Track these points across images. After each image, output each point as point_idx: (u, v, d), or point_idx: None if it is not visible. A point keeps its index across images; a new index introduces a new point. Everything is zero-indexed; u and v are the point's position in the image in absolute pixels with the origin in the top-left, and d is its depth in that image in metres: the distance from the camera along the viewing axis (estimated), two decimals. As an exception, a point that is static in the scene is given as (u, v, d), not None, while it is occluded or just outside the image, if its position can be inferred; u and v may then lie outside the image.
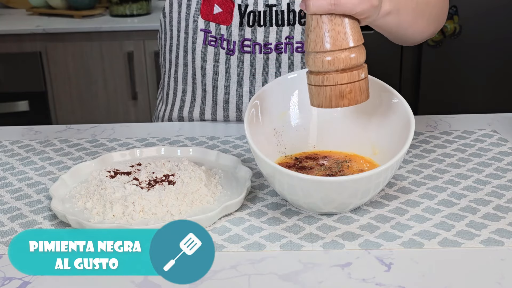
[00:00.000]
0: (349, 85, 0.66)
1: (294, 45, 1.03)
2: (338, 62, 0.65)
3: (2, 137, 1.03)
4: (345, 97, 0.66)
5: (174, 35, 1.09)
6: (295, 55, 1.04)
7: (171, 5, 1.08)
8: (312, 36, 0.66)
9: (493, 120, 1.03)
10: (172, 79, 1.13)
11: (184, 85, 1.10)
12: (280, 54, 1.04)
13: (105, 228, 0.67)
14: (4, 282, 0.61)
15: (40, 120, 2.32)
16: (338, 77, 0.66)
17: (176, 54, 1.10)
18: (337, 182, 0.66)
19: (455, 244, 0.65)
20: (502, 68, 2.20)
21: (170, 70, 1.13)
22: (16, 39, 2.26)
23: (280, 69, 1.04)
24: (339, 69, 0.66)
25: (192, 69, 1.08)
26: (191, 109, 1.10)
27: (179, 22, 1.07)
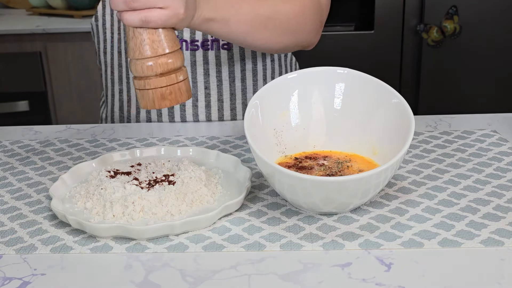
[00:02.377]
0: (168, 87, 0.72)
1: (220, 42, 1.05)
2: (156, 68, 0.71)
3: (2, 137, 1.03)
4: (166, 98, 0.72)
5: (108, 37, 1.10)
6: (221, 52, 1.06)
7: (104, 8, 1.10)
8: (131, 45, 0.72)
9: (493, 120, 1.03)
10: (109, 80, 1.14)
11: (121, 85, 1.12)
12: (207, 51, 1.05)
13: (105, 228, 0.67)
14: (4, 282, 0.61)
15: (40, 120, 2.32)
16: (157, 81, 0.72)
17: (110, 55, 1.11)
18: (337, 182, 0.66)
19: (455, 244, 0.65)
20: (502, 68, 2.20)
21: (106, 72, 1.14)
22: (16, 39, 2.26)
23: (208, 66, 1.06)
24: (158, 74, 0.71)
25: (126, 69, 1.10)
26: (128, 108, 1.12)
27: (112, 24, 1.09)
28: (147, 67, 0.71)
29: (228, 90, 1.08)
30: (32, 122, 2.24)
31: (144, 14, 0.69)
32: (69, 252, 0.66)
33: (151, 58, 0.71)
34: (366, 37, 2.22)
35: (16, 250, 0.67)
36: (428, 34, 2.15)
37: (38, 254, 0.66)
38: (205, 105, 1.07)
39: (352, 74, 0.82)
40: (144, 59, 0.71)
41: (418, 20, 2.17)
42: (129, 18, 0.70)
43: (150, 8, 0.69)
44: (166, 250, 0.66)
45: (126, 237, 0.68)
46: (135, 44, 0.71)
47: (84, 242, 0.68)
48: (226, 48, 1.06)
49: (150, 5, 0.69)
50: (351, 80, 0.82)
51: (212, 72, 1.06)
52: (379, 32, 2.20)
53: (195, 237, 0.68)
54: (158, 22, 0.70)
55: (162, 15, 0.70)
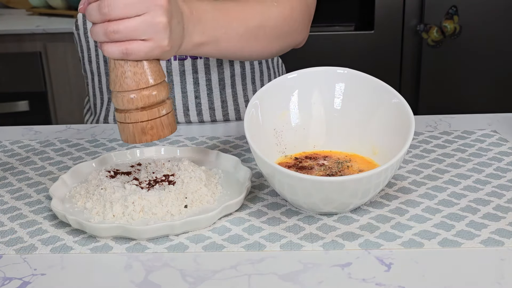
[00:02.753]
0: (150, 122, 0.69)
1: None
2: (137, 101, 0.68)
3: (2, 137, 1.03)
4: (147, 133, 0.69)
5: (91, 45, 1.08)
6: (210, 60, 1.04)
7: (84, 16, 1.06)
8: (112, 76, 0.68)
9: (493, 120, 1.03)
10: (97, 89, 1.12)
11: (109, 94, 1.10)
12: (195, 60, 1.04)
13: (105, 228, 0.67)
14: (4, 282, 0.61)
15: (40, 120, 2.32)
16: (138, 115, 0.68)
17: (96, 64, 1.09)
18: (337, 182, 0.66)
19: (455, 244, 0.65)
20: (502, 68, 2.20)
21: (93, 81, 1.12)
22: (16, 39, 2.26)
23: (197, 75, 1.04)
24: (139, 107, 0.68)
25: None
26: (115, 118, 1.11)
27: None
28: (128, 100, 0.67)
29: (219, 98, 1.06)
30: (32, 122, 2.24)
31: (125, 46, 0.65)
32: (69, 252, 0.66)
33: (132, 91, 0.67)
34: (366, 37, 2.22)
35: (16, 250, 0.67)
36: (428, 34, 2.15)
37: (38, 254, 0.66)
38: (197, 113, 1.07)
39: (352, 74, 0.82)
40: (124, 92, 0.67)
41: (418, 20, 2.17)
42: (110, 50, 0.66)
43: (131, 40, 0.66)
44: (166, 250, 0.66)
45: (126, 237, 0.68)
46: (116, 76, 0.68)
47: (84, 242, 0.68)
48: None
49: (132, 37, 0.65)
50: (351, 80, 0.82)
51: (202, 81, 1.05)
52: (379, 32, 2.20)
53: (195, 237, 0.68)
54: (140, 54, 0.66)
55: (144, 47, 0.66)
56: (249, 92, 1.10)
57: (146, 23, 0.65)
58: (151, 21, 0.65)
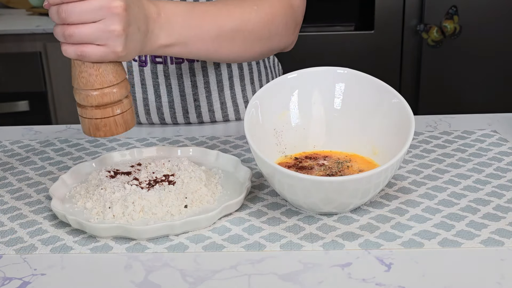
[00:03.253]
0: (103, 119, 0.71)
1: None
2: (91, 100, 0.70)
3: (2, 137, 1.03)
4: (100, 129, 0.72)
5: None
6: (207, 62, 1.04)
7: None
8: (72, 73, 0.71)
9: (493, 120, 1.03)
10: None
11: None
12: (192, 63, 1.04)
13: (105, 228, 0.67)
14: (4, 282, 0.61)
15: (40, 120, 2.32)
16: (92, 112, 0.71)
17: None
18: (337, 182, 0.66)
19: (455, 244, 0.65)
20: (502, 68, 2.20)
21: None
22: (16, 39, 2.26)
23: (195, 78, 1.04)
24: (93, 106, 0.70)
25: None
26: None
27: None
28: (84, 98, 0.70)
29: (218, 100, 1.06)
30: (32, 122, 2.24)
31: (80, 49, 0.68)
32: (69, 252, 0.66)
33: (88, 90, 0.69)
34: (366, 37, 2.22)
35: (16, 250, 0.67)
36: (428, 34, 2.15)
37: (38, 254, 0.66)
38: (196, 116, 1.07)
39: (352, 74, 0.82)
40: (81, 90, 0.70)
41: (418, 20, 2.17)
42: (67, 50, 0.69)
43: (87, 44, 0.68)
44: (166, 250, 0.66)
45: (126, 237, 0.68)
46: (73, 74, 0.70)
47: (84, 242, 0.68)
48: None
49: (86, 41, 0.68)
50: (351, 80, 0.82)
51: (200, 84, 1.05)
52: (379, 32, 2.20)
53: (195, 237, 0.68)
54: (93, 58, 0.68)
55: (98, 51, 0.68)
56: (248, 93, 1.10)
57: (100, 30, 0.67)
58: (105, 28, 0.67)
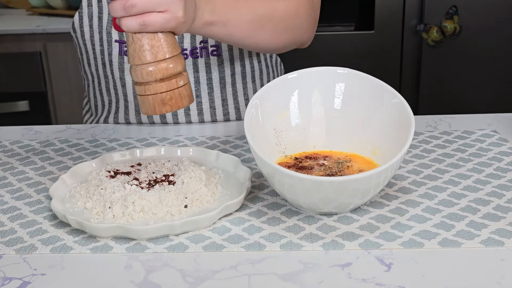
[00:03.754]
0: (169, 92, 0.71)
1: (209, 49, 1.05)
2: (156, 73, 0.70)
3: (2, 137, 1.03)
4: (167, 103, 0.72)
5: (89, 48, 1.09)
6: (211, 58, 1.05)
7: (81, 19, 1.07)
8: (130, 51, 0.71)
9: (493, 120, 1.03)
10: (97, 91, 1.13)
11: (109, 96, 1.11)
12: (196, 59, 1.04)
13: (105, 228, 0.67)
14: (4, 282, 0.61)
15: (40, 120, 2.32)
16: (157, 87, 0.71)
17: (95, 67, 1.10)
18: (337, 182, 0.66)
19: (455, 244, 0.65)
20: (502, 68, 2.20)
21: (94, 82, 1.13)
22: (16, 39, 2.26)
23: (198, 74, 1.05)
24: (158, 79, 0.71)
25: (112, 80, 1.08)
26: (116, 119, 1.11)
27: (92, 35, 1.07)
28: (147, 73, 0.70)
29: (220, 97, 1.07)
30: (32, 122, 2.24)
31: (142, 19, 0.69)
32: (69, 252, 0.66)
33: (151, 63, 0.70)
34: (366, 37, 2.22)
35: (16, 250, 0.67)
36: (428, 34, 2.15)
37: (38, 254, 0.66)
38: (197, 113, 1.07)
39: (352, 74, 0.82)
40: (143, 65, 0.70)
41: (418, 20, 2.17)
42: (128, 23, 0.69)
43: (149, 12, 0.69)
44: (166, 250, 0.66)
45: (126, 237, 0.68)
46: (134, 50, 0.70)
47: (84, 242, 0.68)
48: (215, 54, 1.05)
49: (149, 9, 0.69)
50: (351, 80, 0.82)
51: (203, 80, 1.05)
52: (379, 32, 2.20)
53: (195, 237, 0.68)
54: (157, 26, 0.70)
55: (161, 18, 0.70)
56: (249, 91, 1.10)
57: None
58: None
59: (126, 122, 1.10)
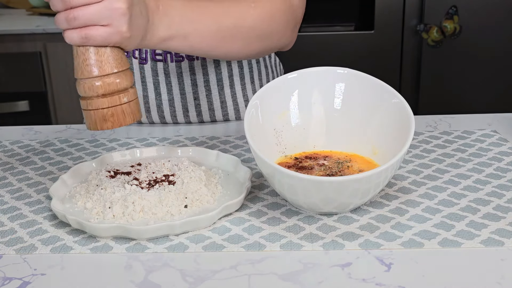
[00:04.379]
0: (110, 109, 0.70)
1: None
2: (98, 88, 0.69)
3: (2, 137, 1.03)
4: (108, 120, 0.70)
5: None
6: (207, 60, 1.04)
7: None
8: (75, 64, 0.70)
9: (493, 120, 1.03)
10: None
11: None
12: (192, 61, 1.04)
13: (105, 228, 0.67)
14: (4, 282, 0.61)
15: (40, 120, 2.32)
16: (99, 102, 0.69)
17: None
18: (337, 182, 0.66)
19: (455, 244, 0.65)
20: (502, 68, 2.20)
21: None
22: (16, 39, 2.26)
23: (195, 76, 1.05)
24: (100, 94, 0.69)
25: None
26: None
27: None
28: (89, 87, 0.68)
29: (218, 99, 1.06)
30: (32, 122, 2.24)
31: (84, 32, 0.67)
32: (69, 252, 0.66)
33: (94, 78, 0.68)
34: (366, 37, 2.22)
35: (16, 250, 0.67)
36: (428, 34, 2.15)
37: (38, 254, 0.66)
38: (196, 114, 1.07)
39: (352, 74, 0.82)
40: (86, 79, 0.68)
41: (418, 20, 2.17)
42: (70, 36, 0.68)
43: (91, 26, 0.67)
44: (166, 250, 0.66)
45: (126, 237, 0.68)
46: (78, 63, 0.69)
47: (84, 242, 0.68)
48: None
49: (91, 22, 0.67)
50: (351, 80, 0.82)
51: (200, 82, 1.05)
52: (379, 32, 2.20)
53: (195, 237, 0.68)
54: (98, 40, 0.68)
55: (103, 32, 0.68)
56: (248, 92, 1.10)
57: (104, 9, 0.67)
58: (109, 6, 0.67)
59: None
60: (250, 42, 0.91)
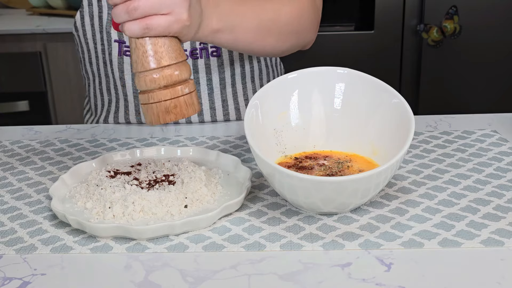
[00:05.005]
0: (173, 100, 0.69)
1: (209, 49, 1.04)
2: (159, 80, 0.68)
3: (2, 137, 1.03)
4: (171, 112, 0.69)
5: (91, 47, 1.08)
6: (211, 59, 1.05)
7: (82, 19, 1.07)
8: (134, 58, 0.69)
9: (493, 120, 1.03)
10: (97, 90, 1.12)
11: (109, 95, 1.10)
12: (196, 59, 1.04)
13: (105, 228, 0.67)
14: (4, 282, 0.61)
15: (40, 120, 2.32)
16: (161, 94, 0.69)
17: (96, 66, 1.09)
18: (337, 182, 0.66)
19: (455, 244, 0.65)
20: (502, 68, 2.20)
21: (94, 82, 1.12)
22: (16, 39, 2.26)
23: (198, 75, 1.05)
24: (162, 86, 0.69)
25: (113, 80, 1.08)
26: (116, 118, 1.11)
27: (94, 34, 1.06)
28: (150, 80, 0.68)
29: (220, 98, 1.07)
30: (32, 122, 2.24)
31: (145, 22, 0.67)
32: (69, 252, 0.66)
33: (154, 70, 0.68)
34: (366, 37, 2.22)
35: (16, 250, 0.67)
36: (428, 34, 2.15)
37: (38, 254, 0.66)
38: (197, 114, 1.07)
39: (352, 74, 0.82)
40: (146, 72, 0.68)
41: (418, 20, 2.17)
42: (131, 27, 0.67)
43: (152, 15, 0.67)
44: (166, 250, 0.66)
45: (126, 237, 0.68)
46: (137, 56, 0.68)
47: (84, 242, 0.68)
48: (215, 55, 1.04)
49: (152, 11, 0.67)
50: (351, 80, 0.82)
51: (203, 81, 1.05)
52: (379, 32, 2.20)
53: (195, 237, 0.68)
54: (160, 29, 0.67)
55: (164, 22, 0.67)
56: (249, 91, 1.10)
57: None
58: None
59: (126, 122, 1.10)
60: (283, 38, 0.93)
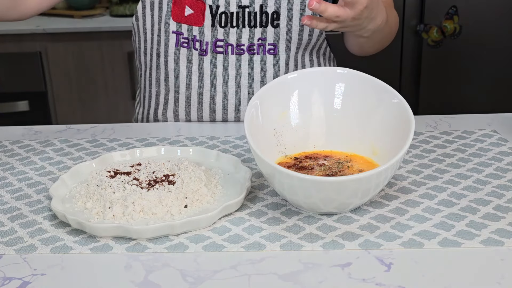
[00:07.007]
0: None
1: (266, 46, 1.05)
2: None
3: (2, 137, 1.03)
4: None
5: (148, 38, 1.10)
6: (267, 56, 1.05)
7: (143, 8, 1.08)
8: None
9: (493, 120, 1.03)
10: (147, 81, 1.14)
11: (158, 88, 1.11)
12: (252, 55, 1.05)
13: (105, 228, 0.67)
14: (4, 282, 0.61)
15: (40, 120, 2.32)
16: None
17: (150, 57, 1.11)
18: (337, 182, 0.66)
19: (455, 244, 0.65)
20: (502, 68, 2.20)
21: (145, 73, 1.14)
22: (16, 39, 2.26)
23: (253, 70, 1.05)
24: None
25: (165, 71, 1.08)
26: (165, 111, 1.11)
27: (152, 25, 1.08)
28: None
29: None
30: (32, 122, 2.24)
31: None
32: (69, 252, 0.66)
33: None
34: (366, 37, 2.21)
35: (16, 250, 0.67)
36: (428, 34, 2.15)
37: (38, 254, 0.66)
38: None
39: (352, 74, 0.82)
40: None
41: (418, 20, 2.17)
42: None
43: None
44: (166, 250, 0.66)
45: (126, 237, 0.68)
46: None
47: (84, 242, 0.68)
48: (272, 52, 1.05)
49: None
50: (351, 80, 0.82)
51: (257, 77, 1.06)
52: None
53: (195, 237, 0.68)
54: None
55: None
56: None
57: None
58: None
59: (175, 116, 1.10)
60: (387, 40, 1.08)
